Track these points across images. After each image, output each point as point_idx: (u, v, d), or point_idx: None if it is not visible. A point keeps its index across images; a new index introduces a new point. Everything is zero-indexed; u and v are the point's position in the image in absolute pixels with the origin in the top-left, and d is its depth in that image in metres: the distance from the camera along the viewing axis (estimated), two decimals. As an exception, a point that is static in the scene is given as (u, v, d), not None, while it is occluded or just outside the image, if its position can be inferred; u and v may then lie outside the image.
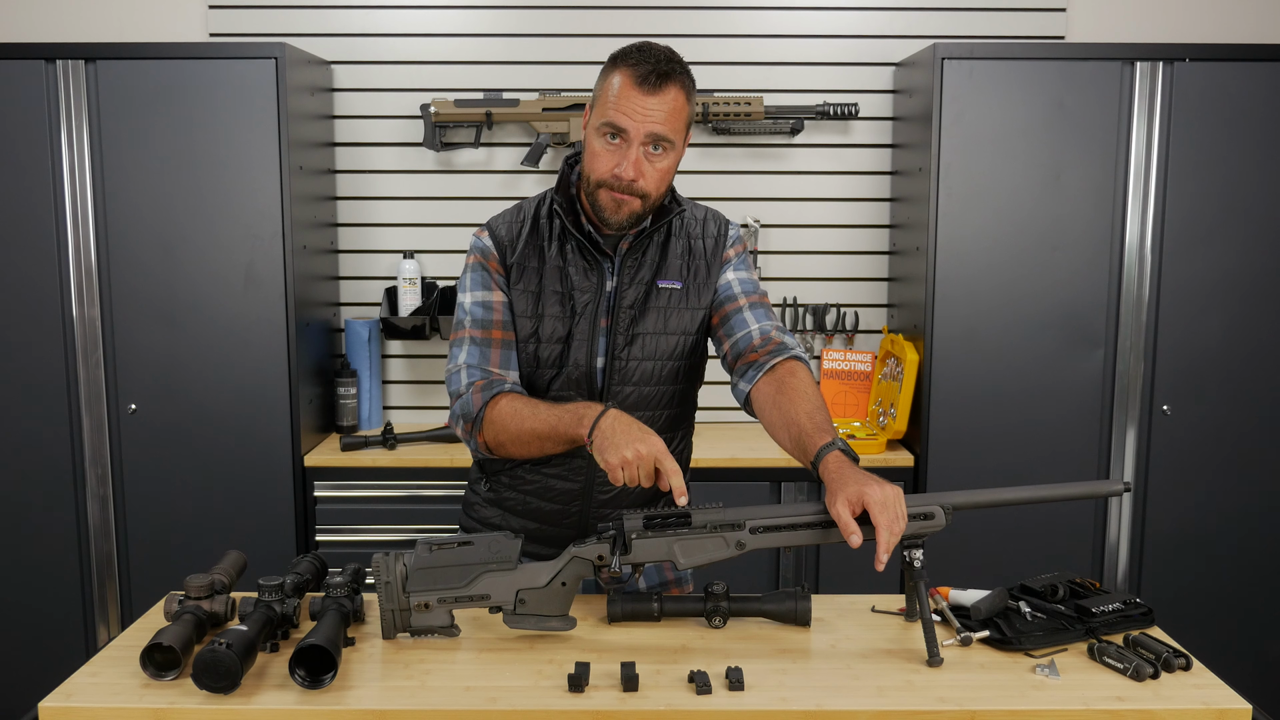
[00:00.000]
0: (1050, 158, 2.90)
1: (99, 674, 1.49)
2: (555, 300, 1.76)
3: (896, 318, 3.25)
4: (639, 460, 1.53)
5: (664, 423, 1.82)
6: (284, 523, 2.95)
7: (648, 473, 1.54)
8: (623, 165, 1.65)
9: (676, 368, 1.81)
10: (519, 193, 3.30)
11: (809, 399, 1.67)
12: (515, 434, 1.67)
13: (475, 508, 1.92)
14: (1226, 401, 2.97)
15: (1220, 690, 1.46)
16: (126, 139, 2.85)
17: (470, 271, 1.79)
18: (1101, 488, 1.68)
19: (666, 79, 1.64)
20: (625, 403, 1.77)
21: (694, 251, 1.82)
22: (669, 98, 1.65)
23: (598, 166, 1.68)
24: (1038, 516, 2.95)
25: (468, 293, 1.79)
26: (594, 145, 1.69)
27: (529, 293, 1.77)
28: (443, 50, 3.26)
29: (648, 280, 1.78)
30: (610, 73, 1.68)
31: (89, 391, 2.92)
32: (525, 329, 1.77)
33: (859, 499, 1.48)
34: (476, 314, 1.77)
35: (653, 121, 1.64)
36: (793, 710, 1.39)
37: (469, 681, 1.46)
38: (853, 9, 3.26)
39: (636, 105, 1.63)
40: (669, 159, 1.69)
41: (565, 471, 1.80)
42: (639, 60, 1.65)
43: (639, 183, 1.67)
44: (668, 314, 1.79)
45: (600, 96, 1.69)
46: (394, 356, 3.38)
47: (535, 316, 1.76)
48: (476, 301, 1.77)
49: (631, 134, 1.65)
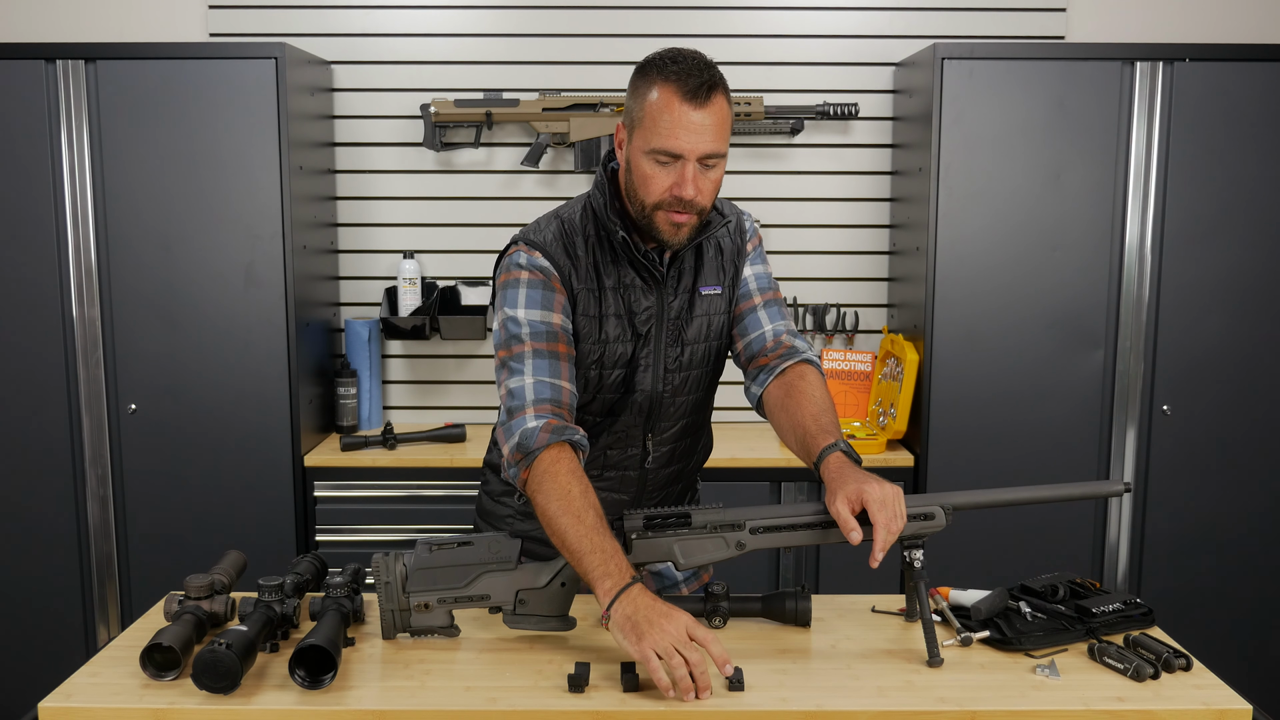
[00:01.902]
0: (1050, 158, 2.90)
1: (99, 674, 1.49)
2: (616, 323, 1.70)
3: (896, 318, 3.25)
4: (678, 647, 1.40)
5: (694, 425, 1.82)
6: (284, 523, 2.95)
7: (695, 661, 1.40)
8: (683, 186, 1.57)
9: (714, 370, 1.81)
10: (519, 193, 3.30)
11: (815, 402, 1.68)
12: (544, 510, 1.54)
13: (506, 520, 1.87)
14: (1226, 401, 2.97)
15: (1220, 690, 1.46)
16: (126, 139, 2.85)
17: (525, 288, 1.66)
18: (1101, 488, 1.68)
19: (713, 90, 1.56)
20: (674, 413, 1.75)
21: (724, 251, 1.78)
22: (717, 109, 1.56)
23: (653, 190, 1.59)
24: (1038, 516, 2.95)
25: (521, 309, 1.65)
26: (644, 169, 1.59)
27: (590, 317, 1.69)
28: (443, 50, 3.26)
29: (690, 288, 1.74)
30: (647, 89, 1.58)
31: (89, 391, 2.92)
32: (589, 355, 1.69)
33: (858, 497, 1.48)
34: (538, 329, 1.64)
35: (706, 139, 1.56)
36: (793, 710, 1.39)
37: (469, 681, 1.46)
38: (853, 9, 3.26)
39: (687, 124, 1.54)
40: (721, 168, 1.62)
41: (616, 484, 1.78)
42: (681, 74, 1.55)
43: (698, 199, 1.59)
44: (710, 320, 1.76)
45: (643, 116, 1.58)
46: (394, 356, 3.38)
47: (600, 341, 1.69)
48: (536, 319, 1.65)
49: (687, 155, 1.56)
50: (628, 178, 1.64)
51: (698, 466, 1.90)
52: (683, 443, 1.81)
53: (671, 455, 1.80)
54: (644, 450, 1.77)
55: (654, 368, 1.72)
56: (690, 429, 1.81)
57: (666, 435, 1.78)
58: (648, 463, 1.78)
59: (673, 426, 1.78)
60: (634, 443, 1.76)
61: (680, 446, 1.81)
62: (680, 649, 1.39)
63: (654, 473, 1.79)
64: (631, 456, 1.77)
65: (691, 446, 1.85)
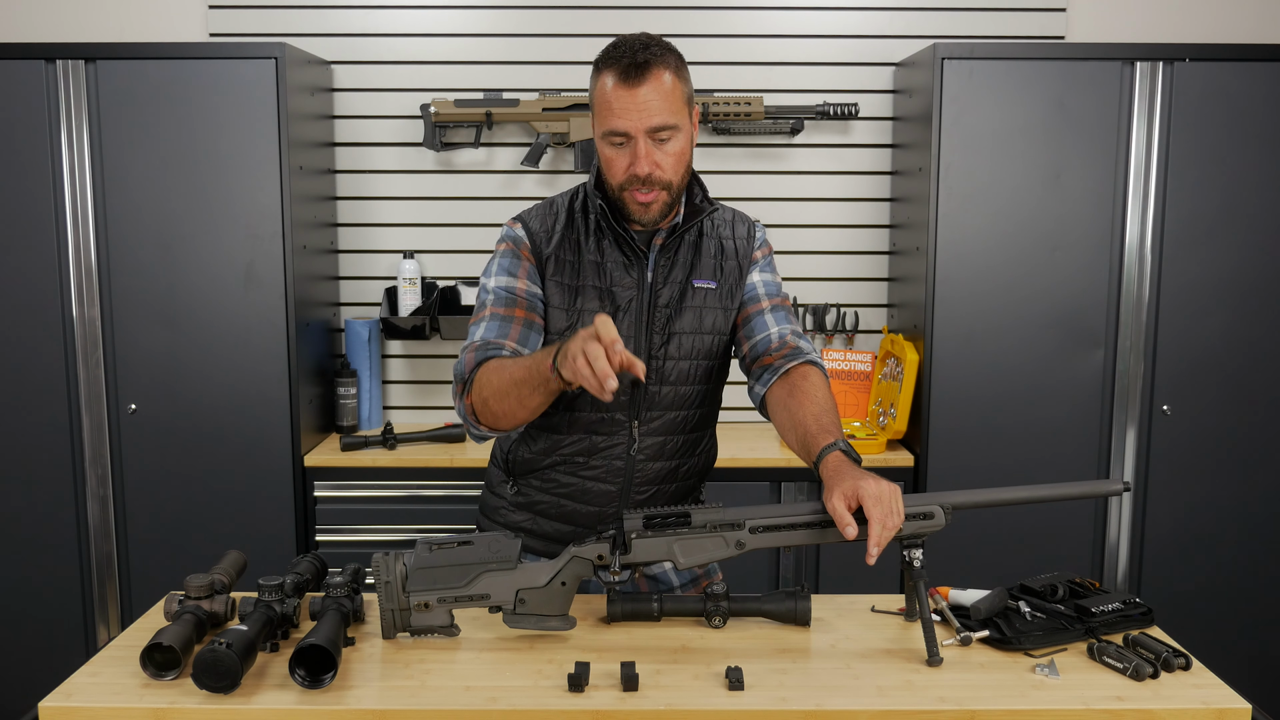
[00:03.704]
0: (1050, 158, 2.90)
1: (99, 674, 1.49)
2: (594, 295, 1.74)
3: (896, 318, 3.25)
4: (589, 348, 1.43)
5: (695, 421, 1.82)
6: (284, 523, 2.95)
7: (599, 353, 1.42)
8: (636, 163, 1.65)
9: (710, 367, 1.82)
10: (519, 193, 3.30)
11: (817, 402, 1.69)
12: (496, 387, 1.62)
13: (500, 512, 1.88)
14: (1226, 401, 2.97)
15: (1220, 690, 1.45)
16: (126, 139, 2.85)
17: (499, 258, 1.78)
18: (1101, 488, 1.68)
19: (646, 67, 1.63)
20: (660, 402, 1.77)
21: (726, 251, 1.82)
22: (656, 84, 1.63)
23: (614, 172, 1.68)
24: (1038, 516, 2.95)
25: (492, 277, 1.77)
26: (605, 153, 1.69)
27: (565, 286, 1.75)
28: (443, 50, 3.27)
29: (682, 280, 1.78)
30: (596, 77, 1.68)
31: (89, 391, 2.93)
32: (560, 321, 1.75)
33: (855, 493, 1.49)
34: (501, 295, 1.74)
35: (648, 114, 1.63)
36: (793, 710, 1.39)
37: (469, 681, 1.46)
38: (853, 9, 3.26)
39: (627, 103, 1.63)
40: (679, 141, 1.68)
41: (603, 474, 1.79)
42: (615, 56, 1.64)
43: (656, 173, 1.66)
44: (703, 313, 1.79)
45: (595, 104, 1.69)
46: (394, 356, 3.38)
47: (573, 310, 1.74)
48: (501, 285, 1.75)
49: (633, 132, 1.64)
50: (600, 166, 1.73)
51: (696, 472, 1.88)
52: (675, 438, 1.80)
53: (662, 449, 1.79)
54: (630, 438, 1.77)
55: (634, 345, 1.74)
56: (684, 425, 1.80)
57: (654, 425, 1.78)
58: (634, 451, 1.77)
59: (661, 416, 1.78)
60: (619, 429, 1.76)
61: (673, 442, 1.80)
62: (584, 347, 1.42)
63: (641, 465, 1.79)
64: (618, 445, 1.77)
65: (688, 447, 1.84)
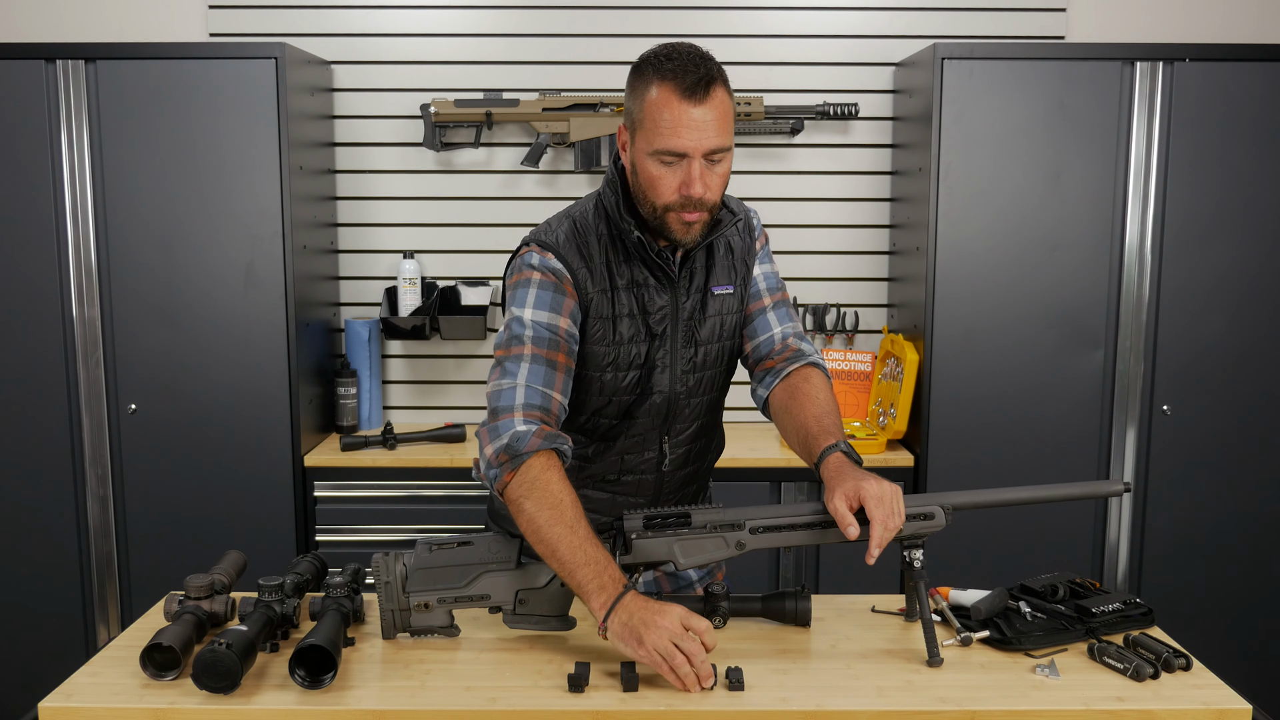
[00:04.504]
0: (1050, 158, 2.90)
1: (99, 674, 1.49)
2: (630, 323, 1.67)
3: (896, 318, 3.25)
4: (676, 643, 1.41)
5: (708, 425, 1.82)
6: (284, 523, 2.95)
7: (693, 651, 1.42)
8: (690, 185, 1.55)
9: (729, 369, 1.81)
10: (519, 193, 3.30)
11: (819, 403, 1.68)
12: (532, 520, 1.51)
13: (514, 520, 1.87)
14: (1226, 401, 2.97)
15: (1220, 690, 1.46)
16: (126, 139, 2.85)
17: (535, 288, 1.63)
18: (1101, 488, 1.68)
19: (712, 83, 1.53)
20: (689, 414, 1.74)
21: (735, 250, 1.77)
22: (718, 102, 1.54)
23: (662, 191, 1.57)
24: (1038, 516, 2.95)
25: (528, 309, 1.62)
26: (650, 171, 1.57)
27: (603, 319, 1.66)
28: (443, 50, 3.26)
29: (702, 287, 1.72)
30: (645, 88, 1.55)
31: (89, 391, 2.92)
32: (603, 357, 1.67)
33: (856, 494, 1.49)
34: (542, 334, 1.61)
35: (709, 135, 1.53)
36: (793, 710, 1.39)
37: (469, 681, 1.46)
38: (853, 9, 3.26)
39: (688, 123, 1.52)
40: (727, 162, 1.59)
41: (633, 487, 1.77)
42: (677, 70, 1.53)
43: (707, 196, 1.57)
44: (723, 320, 1.75)
45: (644, 117, 1.56)
46: (394, 356, 3.38)
47: (614, 344, 1.67)
48: (541, 322, 1.62)
49: (691, 153, 1.54)
50: (635, 180, 1.62)
51: (711, 466, 1.90)
52: (697, 444, 1.81)
53: (687, 457, 1.80)
54: (660, 453, 1.76)
55: (670, 368, 1.71)
56: (704, 430, 1.81)
57: (682, 437, 1.77)
58: (664, 465, 1.77)
59: (688, 428, 1.77)
60: (650, 446, 1.75)
61: (695, 448, 1.81)
62: (678, 643, 1.41)
63: (670, 475, 1.79)
64: (648, 460, 1.76)
65: (706, 447, 1.84)
